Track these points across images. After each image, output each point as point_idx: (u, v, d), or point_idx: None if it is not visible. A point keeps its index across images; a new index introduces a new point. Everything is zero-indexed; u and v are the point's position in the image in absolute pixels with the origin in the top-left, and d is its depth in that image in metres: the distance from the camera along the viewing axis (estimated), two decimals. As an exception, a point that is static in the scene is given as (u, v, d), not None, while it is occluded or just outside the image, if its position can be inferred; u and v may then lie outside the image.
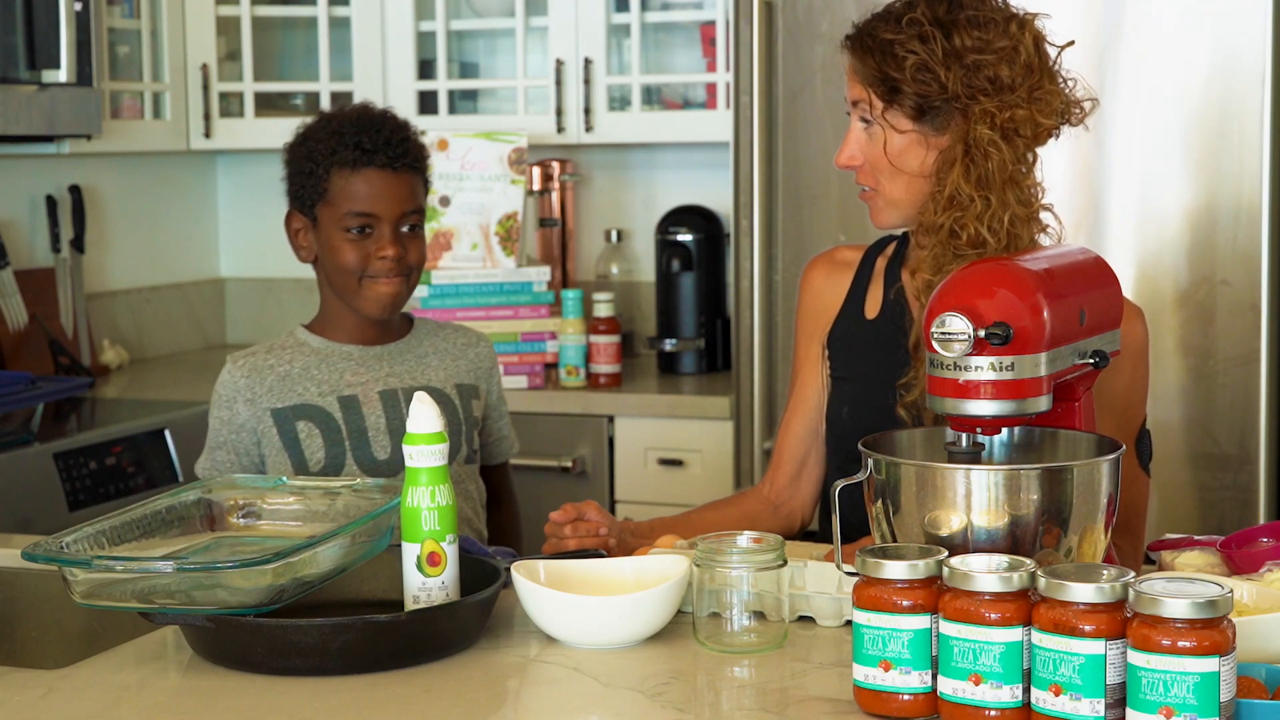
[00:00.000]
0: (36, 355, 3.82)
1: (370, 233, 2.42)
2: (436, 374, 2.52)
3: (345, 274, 2.44)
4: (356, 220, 2.42)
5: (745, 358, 3.43)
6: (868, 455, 1.77)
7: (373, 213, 2.42)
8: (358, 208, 2.42)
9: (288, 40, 4.40)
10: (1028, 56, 2.06)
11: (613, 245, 4.20)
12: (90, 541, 1.81)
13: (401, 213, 2.43)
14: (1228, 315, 3.06)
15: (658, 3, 4.01)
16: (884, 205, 2.16)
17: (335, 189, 2.43)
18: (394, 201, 2.43)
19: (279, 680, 1.72)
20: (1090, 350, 1.82)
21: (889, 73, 2.06)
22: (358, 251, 2.42)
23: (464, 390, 2.55)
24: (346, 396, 2.45)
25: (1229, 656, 1.42)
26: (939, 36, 2.04)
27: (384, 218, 2.42)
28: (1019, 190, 2.06)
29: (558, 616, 1.81)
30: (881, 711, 1.58)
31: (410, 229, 2.46)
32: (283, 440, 2.43)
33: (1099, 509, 1.73)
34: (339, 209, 2.43)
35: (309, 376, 2.46)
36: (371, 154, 2.41)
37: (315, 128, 2.47)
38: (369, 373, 2.47)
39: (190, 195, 4.53)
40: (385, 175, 2.42)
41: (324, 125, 2.47)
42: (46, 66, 3.41)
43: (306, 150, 2.46)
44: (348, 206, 2.42)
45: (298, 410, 2.44)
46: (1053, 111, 2.07)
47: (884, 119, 2.09)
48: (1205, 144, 3.06)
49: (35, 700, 1.68)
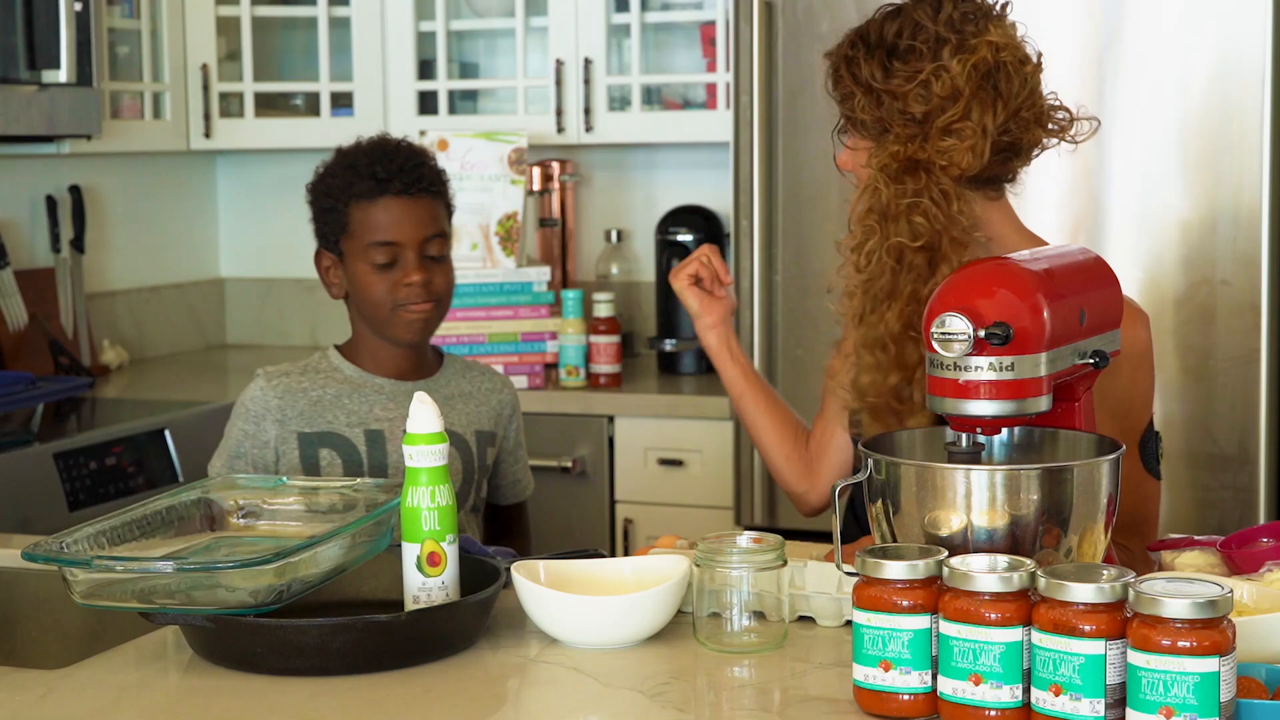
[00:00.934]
0: (36, 355, 3.82)
1: (395, 263, 2.44)
2: (461, 418, 2.52)
3: (375, 305, 2.45)
4: (381, 252, 2.43)
5: (745, 358, 3.43)
6: (868, 455, 1.77)
7: (394, 240, 2.43)
8: (379, 237, 2.43)
9: (288, 40, 4.40)
10: (948, 87, 2.01)
11: (613, 245, 4.20)
12: (90, 541, 1.81)
13: (423, 238, 2.45)
14: (1228, 315, 3.06)
15: (658, 3, 4.01)
16: None
17: (355, 221, 2.44)
18: (414, 226, 2.44)
19: (279, 680, 1.72)
20: (1090, 350, 1.82)
21: (832, 94, 2.13)
22: (384, 282, 2.44)
23: (482, 437, 2.56)
24: (373, 430, 2.46)
25: (1229, 656, 1.42)
26: (862, 66, 2.06)
27: (406, 244, 2.43)
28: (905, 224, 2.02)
29: (558, 616, 1.81)
30: (881, 711, 1.58)
31: (436, 256, 2.47)
32: (303, 464, 2.45)
33: (1099, 509, 1.73)
34: (361, 241, 2.44)
35: (339, 405, 2.47)
36: (387, 183, 2.42)
37: (332, 164, 2.50)
38: (399, 409, 2.46)
39: (190, 195, 4.53)
40: (403, 202, 2.44)
41: (340, 160, 2.49)
42: (46, 67, 3.41)
43: (325, 187, 2.48)
44: (369, 238, 2.43)
45: (324, 437, 2.45)
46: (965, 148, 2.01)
47: (843, 134, 2.15)
48: (1205, 145, 3.06)
49: (35, 700, 1.68)
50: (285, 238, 4.54)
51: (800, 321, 3.35)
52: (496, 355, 3.71)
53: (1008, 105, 2.04)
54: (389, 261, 2.43)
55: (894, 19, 2.07)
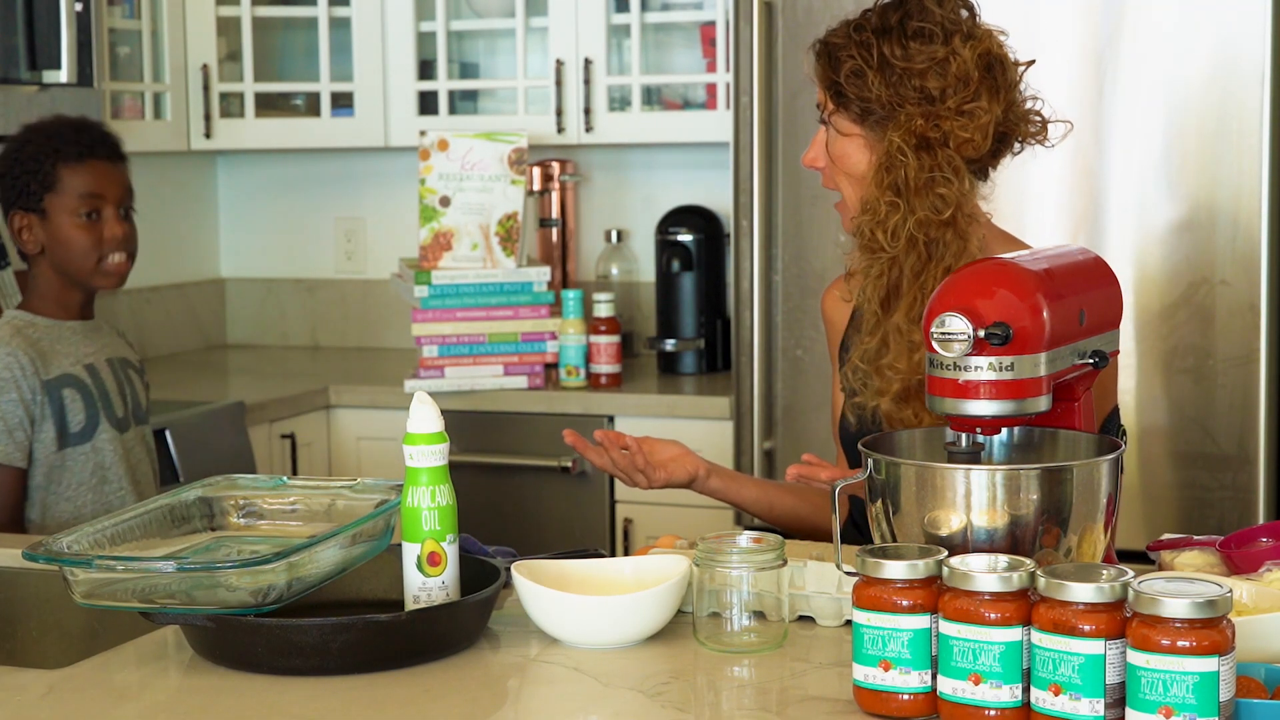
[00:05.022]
0: (37, 355, 3.81)
1: (97, 218, 2.78)
2: (127, 348, 2.93)
3: (81, 255, 2.77)
4: (88, 203, 2.76)
5: (745, 358, 3.43)
6: (868, 455, 1.77)
7: (101, 194, 2.77)
8: (86, 189, 2.76)
9: (288, 40, 4.40)
10: (962, 70, 2.09)
11: (613, 245, 4.20)
12: (90, 541, 1.81)
13: (123, 194, 2.81)
14: (1227, 316, 3.06)
15: (658, 3, 4.01)
16: (847, 211, 2.23)
17: (63, 180, 2.75)
18: (116, 186, 2.80)
19: (279, 680, 1.72)
20: (1090, 350, 1.82)
21: (833, 77, 2.15)
22: (90, 235, 2.76)
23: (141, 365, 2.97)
24: (89, 365, 2.79)
25: (1228, 656, 1.43)
26: (876, 44, 2.11)
27: (110, 200, 2.78)
28: (931, 198, 2.08)
29: (558, 616, 1.81)
30: (881, 711, 1.58)
31: (128, 213, 2.83)
32: (52, 408, 2.72)
33: (1099, 509, 1.73)
34: (68, 196, 2.76)
35: (55, 351, 2.76)
36: (92, 147, 2.78)
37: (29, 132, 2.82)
38: (94, 344, 2.83)
39: (190, 195, 4.53)
40: (106, 166, 2.79)
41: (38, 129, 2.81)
42: (47, 67, 3.41)
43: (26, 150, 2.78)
44: (77, 190, 2.76)
45: (63, 380, 2.74)
46: (979, 126, 2.09)
47: (833, 121, 2.18)
48: (1205, 145, 3.06)
49: (35, 700, 1.68)
50: (285, 238, 4.55)
51: (800, 321, 3.35)
52: (497, 355, 3.71)
53: (1006, 95, 2.12)
54: (92, 213, 2.76)
55: (897, 7, 2.13)
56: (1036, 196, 3.12)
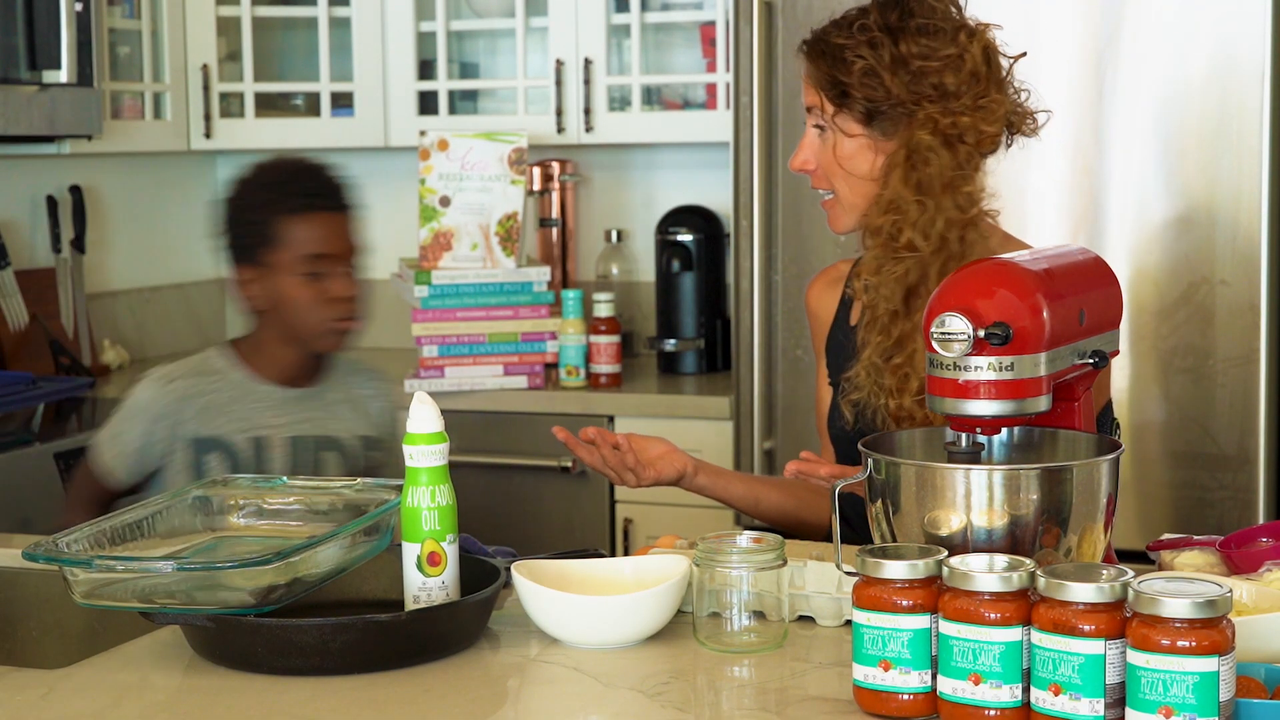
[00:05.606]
0: (37, 355, 3.82)
1: (323, 275, 2.52)
2: (344, 424, 2.62)
3: (302, 317, 2.53)
4: (311, 264, 2.51)
5: (745, 358, 3.43)
6: (868, 455, 1.77)
7: (326, 253, 2.52)
8: (310, 250, 2.51)
9: (288, 40, 4.40)
10: (974, 65, 2.10)
11: (613, 245, 4.20)
12: (90, 541, 1.82)
13: (351, 250, 2.55)
14: (1227, 315, 3.06)
15: (658, 3, 4.01)
16: (841, 211, 2.22)
17: (284, 235, 2.51)
18: (343, 241, 2.54)
19: (279, 680, 1.72)
20: (1090, 350, 1.82)
21: (839, 77, 2.13)
22: (314, 295, 2.52)
23: (367, 442, 2.65)
24: (259, 438, 2.54)
25: (1228, 656, 1.43)
26: (887, 43, 2.10)
27: (336, 258, 2.53)
28: (956, 195, 2.10)
29: (558, 616, 1.81)
30: (881, 711, 1.58)
31: (354, 269, 2.57)
32: (193, 468, 2.51)
33: (1099, 509, 1.73)
34: (289, 253, 2.51)
35: (228, 411, 2.54)
36: (315, 198, 2.52)
37: (250, 180, 2.58)
38: (285, 416, 2.56)
39: (190, 195, 4.53)
40: (332, 218, 2.54)
41: (260, 176, 2.57)
42: (47, 67, 3.41)
43: (248, 201, 2.56)
44: (299, 246, 2.51)
45: (214, 443, 2.52)
46: (997, 119, 2.12)
47: (834, 123, 2.16)
48: (1204, 144, 3.06)
49: (35, 700, 1.68)
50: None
51: (800, 321, 3.35)
52: (496, 355, 3.71)
53: (1006, 89, 2.15)
54: (315, 271, 2.51)
55: (894, 6, 2.12)
56: (1036, 196, 3.12)
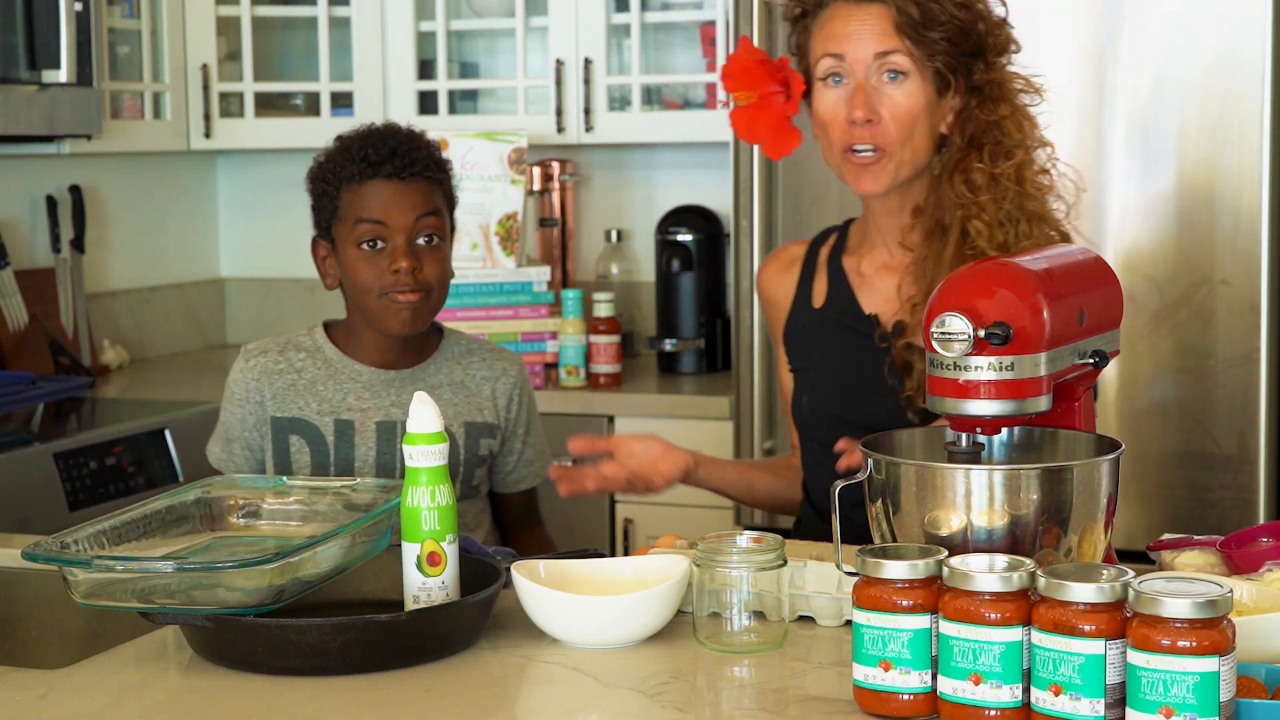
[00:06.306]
0: (37, 355, 3.82)
1: (383, 246, 2.36)
2: (447, 409, 2.42)
3: (363, 292, 2.38)
4: (367, 230, 2.35)
5: (745, 358, 3.43)
6: (868, 455, 1.77)
7: (381, 220, 2.36)
8: (365, 215, 2.36)
9: (288, 40, 4.40)
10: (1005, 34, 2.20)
11: (613, 245, 4.20)
12: (90, 541, 1.81)
13: (413, 221, 2.36)
14: (1227, 315, 3.06)
15: (658, 3, 4.01)
16: (891, 166, 2.16)
17: (345, 205, 2.38)
18: (403, 210, 2.35)
19: (279, 680, 1.72)
20: (1090, 350, 1.82)
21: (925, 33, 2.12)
22: (372, 268, 2.36)
23: (472, 429, 2.47)
24: (343, 421, 2.41)
25: (1229, 656, 1.43)
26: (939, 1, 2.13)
27: (394, 228, 2.35)
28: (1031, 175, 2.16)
29: (558, 616, 1.81)
30: (881, 711, 1.58)
31: (428, 244, 2.39)
32: (274, 447, 2.43)
33: (1099, 509, 1.73)
34: (349, 223, 2.37)
35: (313, 391, 2.43)
36: (378, 165, 2.36)
37: (330, 150, 2.43)
38: (373, 399, 2.42)
39: (190, 195, 4.53)
40: (393, 185, 2.36)
41: (336, 146, 2.42)
42: (47, 67, 3.41)
43: (320, 172, 2.42)
44: (356, 216, 2.36)
45: (294, 423, 2.42)
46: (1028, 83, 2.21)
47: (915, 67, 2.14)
48: (1205, 143, 3.06)
49: (35, 700, 1.68)
50: (285, 238, 4.54)
51: (800, 321, 3.35)
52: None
53: None
54: (374, 241, 2.36)
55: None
56: (1036, 196, 3.12)
